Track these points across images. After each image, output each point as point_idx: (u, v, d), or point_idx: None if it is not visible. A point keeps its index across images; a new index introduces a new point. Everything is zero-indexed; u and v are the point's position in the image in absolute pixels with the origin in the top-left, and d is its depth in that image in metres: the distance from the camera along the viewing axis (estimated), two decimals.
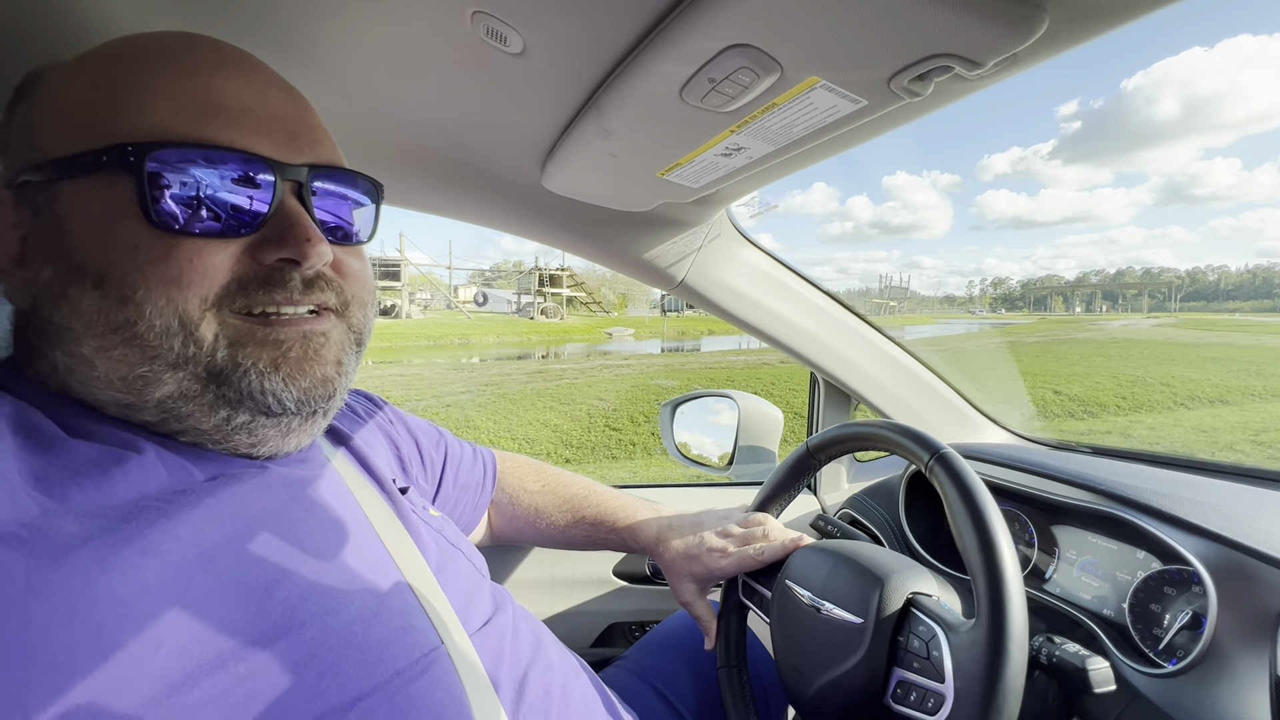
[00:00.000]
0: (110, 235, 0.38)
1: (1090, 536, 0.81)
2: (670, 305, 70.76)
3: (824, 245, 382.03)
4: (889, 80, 0.43)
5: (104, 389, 0.40)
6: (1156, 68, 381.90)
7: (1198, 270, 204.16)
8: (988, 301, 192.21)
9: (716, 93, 0.47)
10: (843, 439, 0.73)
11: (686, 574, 0.79)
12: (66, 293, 0.39)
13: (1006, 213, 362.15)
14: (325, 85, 0.61)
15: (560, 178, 0.74)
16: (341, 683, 0.39)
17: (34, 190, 0.40)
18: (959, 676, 0.51)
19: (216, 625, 0.36)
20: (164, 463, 0.41)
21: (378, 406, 0.77)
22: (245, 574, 0.39)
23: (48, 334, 0.41)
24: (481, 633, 0.54)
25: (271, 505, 0.44)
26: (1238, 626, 0.58)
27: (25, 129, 0.41)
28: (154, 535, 0.35)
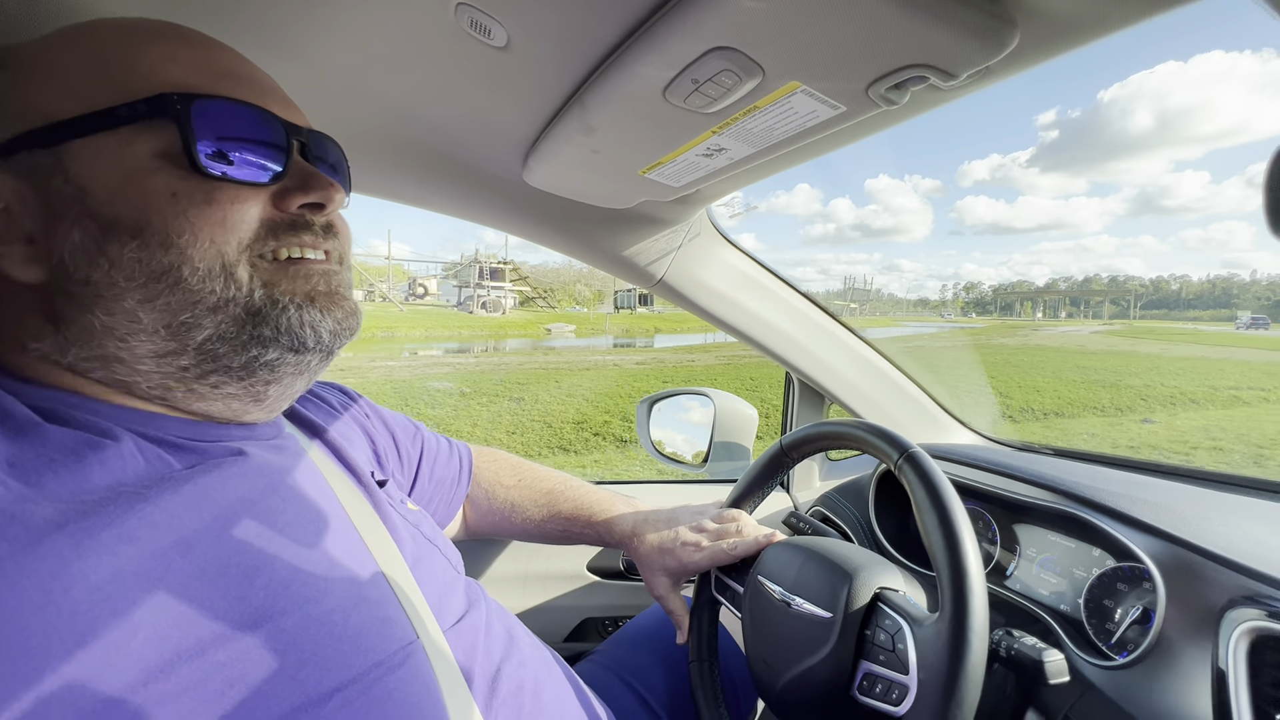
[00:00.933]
0: (143, 186, 0.39)
1: (1050, 535, 0.84)
2: (622, 303, 70.78)
3: (806, 246, 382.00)
4: (867, 88, 0.44)
5: (146, 341, 0.41)
6: (1133, 80, 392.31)
7: (1161, 279, 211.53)
8: (960, 305, 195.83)
9: (699, 94, 0.47)
10: (816, 437, 0.74)
11: (660, 568, 0.80)
12: (105, 250, 0.39)
13: (985, 218, 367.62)
14: (306, 75, 0.60)
15: (542, 173, 0.74)
16: (321, 672, 0.39)
17: (28, 157, 0.39)
18: (922, 668, 0.53)
19: (195, 611, 0.35)
20: (141, 451, 0.40)
21: (353, 400, 0.76)
22: (225, 560, 0.38)
23: (81, 298, 0.39)
24: (456, 628, 0.54)
25: (249, 494, 0.44)
26: (1184, 621, 0.61)
27: (7, 98, 0.39)
28: (130, 521, 0.35)
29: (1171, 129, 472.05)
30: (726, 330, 1.06)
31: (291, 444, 0.54)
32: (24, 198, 0.39)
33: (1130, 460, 0.96)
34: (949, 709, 0.49)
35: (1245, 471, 0.85)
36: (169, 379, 0.43)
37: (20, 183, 0.39)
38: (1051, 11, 0.37)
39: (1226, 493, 0.78)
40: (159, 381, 0.43)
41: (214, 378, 0.44)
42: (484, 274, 51.95)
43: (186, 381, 0.44)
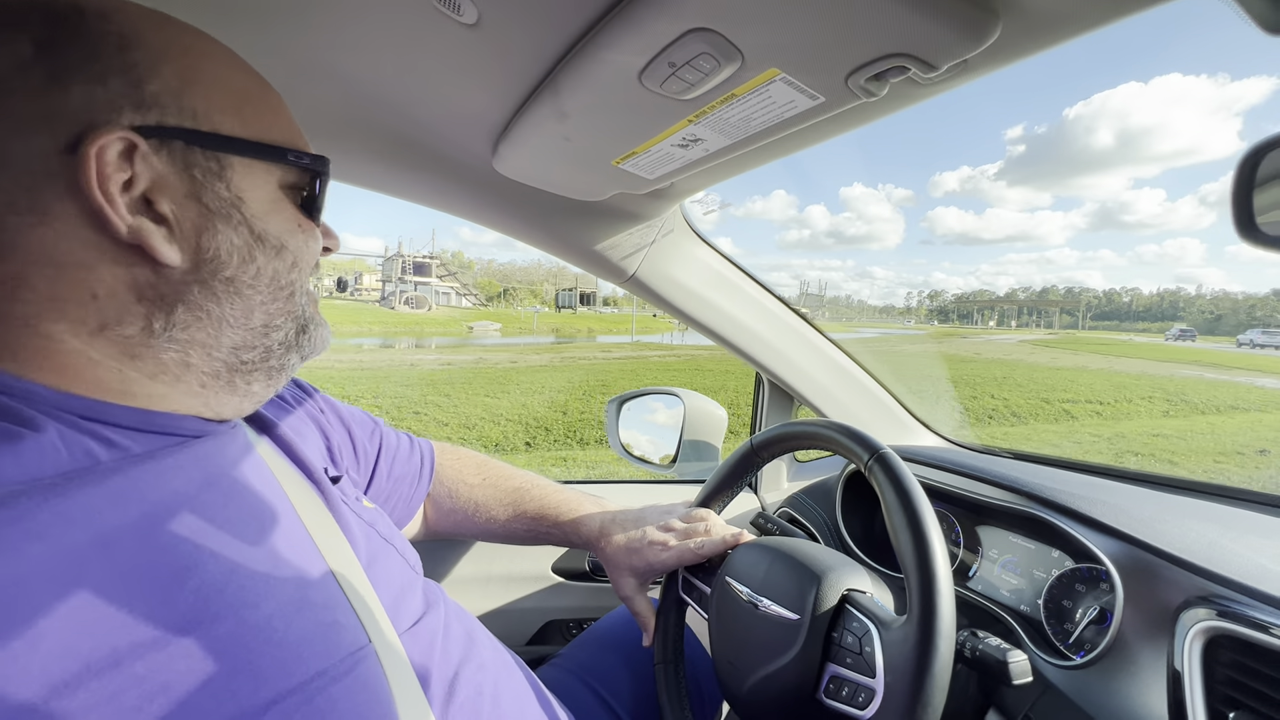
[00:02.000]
0: (282, 213, 0.46)
1: (1011, 536, 0.85)
2: (564, 302, 70.75)
3: (782, 251, 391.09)
4: (846, 78, 0.43)
5: (241, 334, 0.45)
6: (1096, 98, 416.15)
7: (1113, 291, 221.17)
8: (923, 313, 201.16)
9: (676, 78, 0.46)
10: (786, 437, 0.74)
11: (627, 568, 0.78)
12: (254, 256, 0.44)
13: (955, 228, 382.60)
14: (267, 50, 0.57)
15: (512, 160, 0.72)
16: (256, 683, 0.36)
17: (187, 151, 0.41)
18: (889, 671, 0.52)
19: (111, 618, 0.32)
20: (65, 442, 0.37)
21: (306, 393, 0.73)
22: (151, 561, 0.35)
23: (217, 291, 0.43)
24: (412, 631, 0.51)
25: (185, 488, 0.40)
26: (1141, 621, 0.62)
27: (172, 90, 0.41)
28: (42, 516, 0.32)
29: (1131, 147, 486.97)
30: (697, 328, 1.05)
31: (238, 436, 0.51)
32: (163, 180, 0.40)
33: (1089, 464, 0.99)
34: (915, 712, 0.48)
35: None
36: (224, 368, 0.46)
37: (166, 166, 0.40)
38: (1033, 5, 0.37)
39: (1183, 496, 0.80)
40: (214, 370, 0.45)
41: (256, 374, 0.48)
42: (407, 269, 50.76)
43: (234, 374, 0.47)
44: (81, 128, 0.37)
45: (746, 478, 0.80)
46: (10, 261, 0.37)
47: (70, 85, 0.38)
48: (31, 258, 0.38)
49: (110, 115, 0.38)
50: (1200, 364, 25.13)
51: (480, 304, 60.61)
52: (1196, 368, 23.33)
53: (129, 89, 0.39)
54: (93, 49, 0.38)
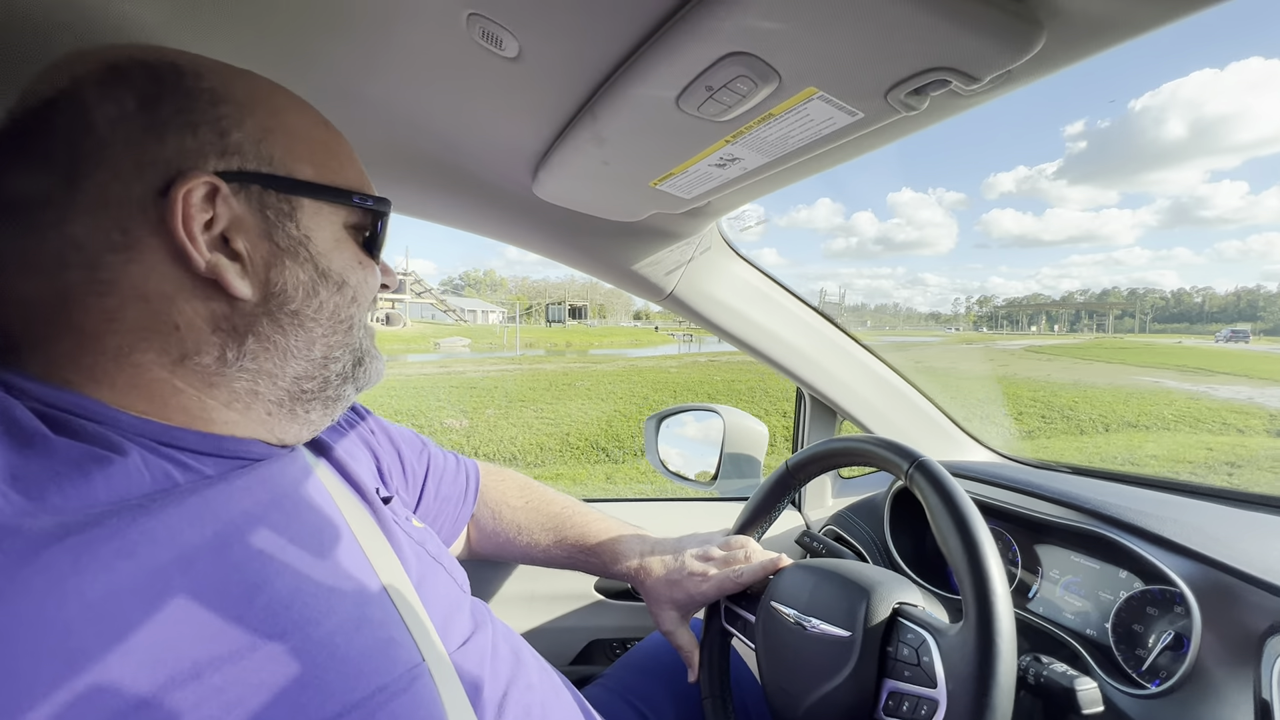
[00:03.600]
0: (344, 252, 0.50)
1: (1073, 555, 0.81)
2: (553, 316, 70.79)
3: (828, 260, 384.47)
4: (886, 93, 0.43)
5: (305, 365, 0.48)
6: (1165, 89, 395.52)
7: (1183, 291, 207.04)
8: (971, 319, 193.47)
9: (714, 101, 0.47)
10: (822, 456, 0.73)
11: (668, 600, 0.78)
12: (318, 291, 0.47)
13: (1012, 231, 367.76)
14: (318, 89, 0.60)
15: (552, 185, 0.73)
16: (323, 697, 0.37)
17: (263, 194, 0.45)
18: (951, 679, 0.50)
19: (193, 633, 0.34)
20: (147, 466, 0.39)
21: (359, 415, 0.75)
22: (225, 578, 0.37)
23: (283, 324, 0.46)
24: (462, 650, 0.52)
25: (253, 509, 0.43)
26: (1221, 647, 0.58)
27: (253, 138, 0.45)
28: (131, 535, 0.34)
29: (1207, 138, 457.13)
30: (736, 345, 1.04)
31: (298, 459, 0.53)
32: (240, 220, 0.44)
33: (1155, 479, 0.94)
34: (985, 708, 0.46)
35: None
36: (287, 397, 0.49)
37: (245, 208, 0.44)
38: (1079, 11, 0.36)
39: (1260, 513, 0.75)
40: (278, 398, 0.48)
41: (314, 404, 0.51)
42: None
43: (294, 403, 0.49)
44: (172, 173, 0.41)
45: (785, 500, 0.78)
46: (110, 297, 0.41)
47: (165, 135, 0.41)
48: (126, 293, 0.41)
49: (197, 161, 0.42)
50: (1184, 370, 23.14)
51: (506, 321, 62.01)
52: (1176, 375, 21.43)
53: (215, 138, 0.43)
54: (187, 102, 0.43)
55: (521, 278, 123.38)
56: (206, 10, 0.52)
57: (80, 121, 0.41)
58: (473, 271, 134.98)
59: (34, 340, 0.41)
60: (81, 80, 0.42)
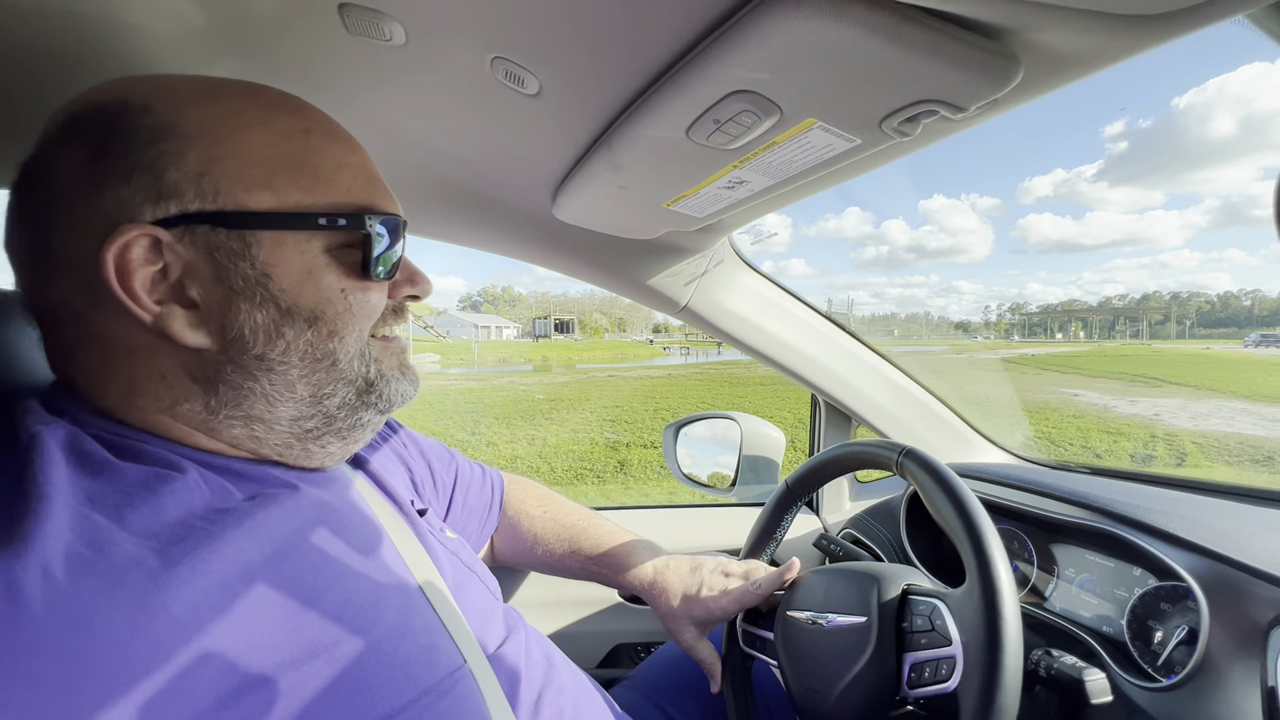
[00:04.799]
0: (320, 281, 0.45)
1: (1088, 554, 0.82)
2: (539, 330, 70.08)
3: (858, 270, 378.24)
4: (880, 122, 0.46)
5: (293, 407, 0.46)
6: (1211, 84, 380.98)
7: (1230, 294, 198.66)
8: (1002, 327, 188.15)
9: (721, 132, 0.50)
10: (817, 468, 0.77)
11: (685, 617, 0.78)
12: (282, 333, 0.44)
13: (1050, 236, 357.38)
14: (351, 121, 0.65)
15: (570, 208, 0.78)
16: (374, 699, 0.40)
17: (210, 234, 0.42)
18: (963, 631, 0.54)
19: (259, 642, 0.37)
20: (206, 482, 0.42)
21: (391, 429, 0.78)
22: (283, 592, 0.40)
23: (251, 369, 0.44)
24: (498, 653, 0.55)
25: (303, 526, 0.45)
26: (1229, 640, 0.59)
27: (193, 174, 0.42)
28: (202, 554, 0.37)
29: (1258, 134, 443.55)
30: (751, 354, 1.07)
31: (339, 475, 0.56)
32: (193, 266, 0.42)
33: (1170, 477, 0.95)
34: (997, 657, 0.49)
35: None
36: (293, 438, 0.48)
37: (193, 253, 0.42)
38: (1051, 47, 0.39)
39: (1269, 508, 0.76)
40: (284, 440, 0.47)
41: (326, 438, 0.49)
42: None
43: (305, 441, 0.48)
44: (108, 227, 0.40)
45: (789, 518, 0.81)
46: (99, 348, 0.43)
47: (105, 186, 0.40)
48: (113, 345, 0.42)
49: (132, 212, 0.40)
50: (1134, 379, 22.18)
51: (520, 336, 62.43)
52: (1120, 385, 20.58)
53: (150, 182, 0.41)
54: (125, 147, 0.41)
55: (542, 293, 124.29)
56: (252, 52, 0.57)
57: (48, 181, 0.42)
58: (491, 287, 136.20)
59: (79, 378, 0.45)
60: (48, 137, 0.43)
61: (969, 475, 1.04)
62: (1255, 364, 31.77)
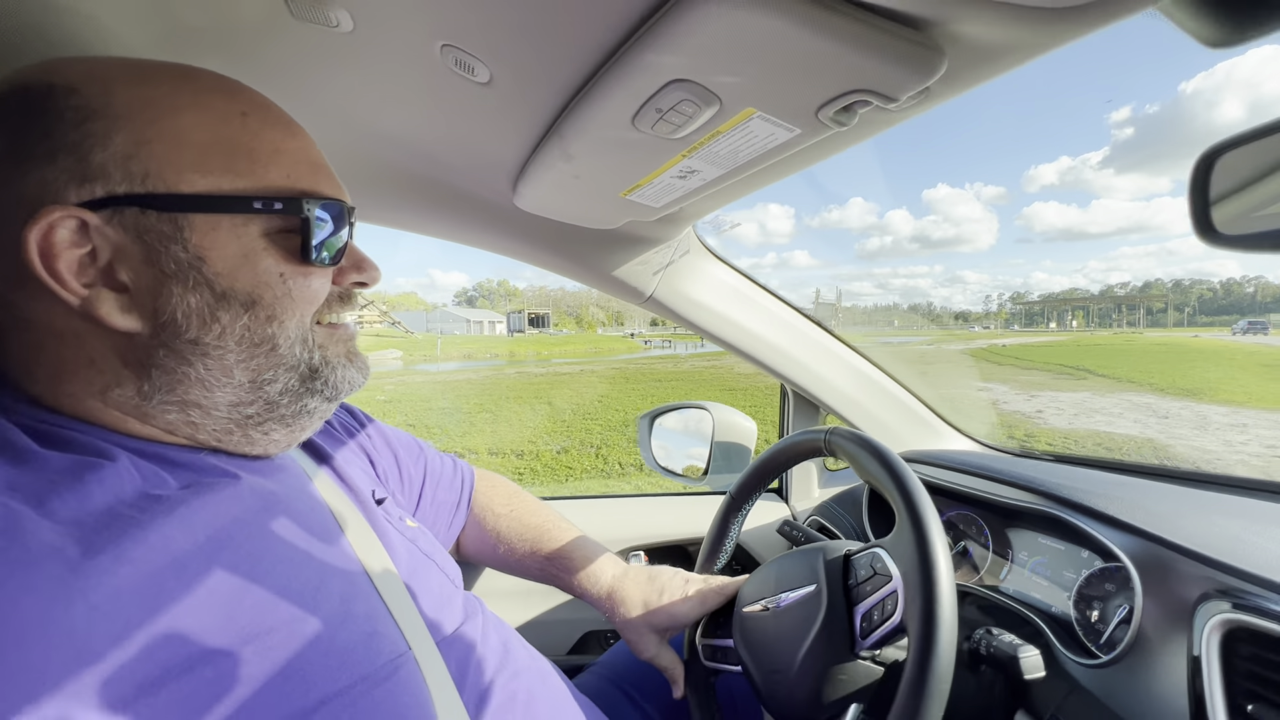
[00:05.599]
0: (257, 265, 0.45)
1: (1041, 538, 0.84)
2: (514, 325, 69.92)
3: (862, 260, 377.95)
4: (816, 112, 0.47)
5: (231, 393, 0.46)
6: (1219, 69, 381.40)
7: (1233, 282, 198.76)
8: (1003, 317, 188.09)
9: (664, 121, 0.51)
10: (757, 473, 0.79)
11: (645, 626, 0.77)
12: (218, 317, 0.43)
13: (1056, 224, 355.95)
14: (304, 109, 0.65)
15: (530, 197, 0.78)
16: (306, 686, 0.40)
17: (140, 217, 0.41)
18: (899, 560, 0.57)
19: (185, 631, 0.37)
20: (138, 469, 0.42)
21: (355, 418, 0.78)
22: (215, 581, 0.40)
23: (185, 353, 0.43)
24: (449, 640, 0.55)
25: (243, 514, 0.45)
26: (1161, 617, 0.61)
27: (120, 156, 0.41)
28: (126, 543, 0.37)
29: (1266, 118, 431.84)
30: (718, 344, 1.08)
31: (289, 463, 0.56)
32: (122, 249, 0.41)
33: (1134, 464, 0.97)
34: (931, 573, 0.52)
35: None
36: (232, 424, 0.47)
37: (120, 235, 0.41)
38: (974, 39, 0.40)
39: (1214, 491, 0.79)
40: (223, 426, 0.47)
41: (268, 424, 0.49)
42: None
43: (245, 427, 0.48)
44: (32, 210, 0.39)
45: (736, 526, 0.83)
46: (30, 333, 0.42)
47: (28, 168, 0.40)
48: (41, 329, 0.42)
49: (56, 194, 0.40)
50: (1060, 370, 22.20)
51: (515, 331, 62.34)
52: (1042, 377, 20.47)
53: (76, 164, 0.40)
54: (48, 128, 0.40)
55: (539, 287, 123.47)
56: (197, 36, 0.56)
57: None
58: (486, 282, 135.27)
59: (6, 364, 0.44)
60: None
61: (932, 462, 1.06)
62: (1218, 353, 31.62)
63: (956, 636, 0.50)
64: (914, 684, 0.49)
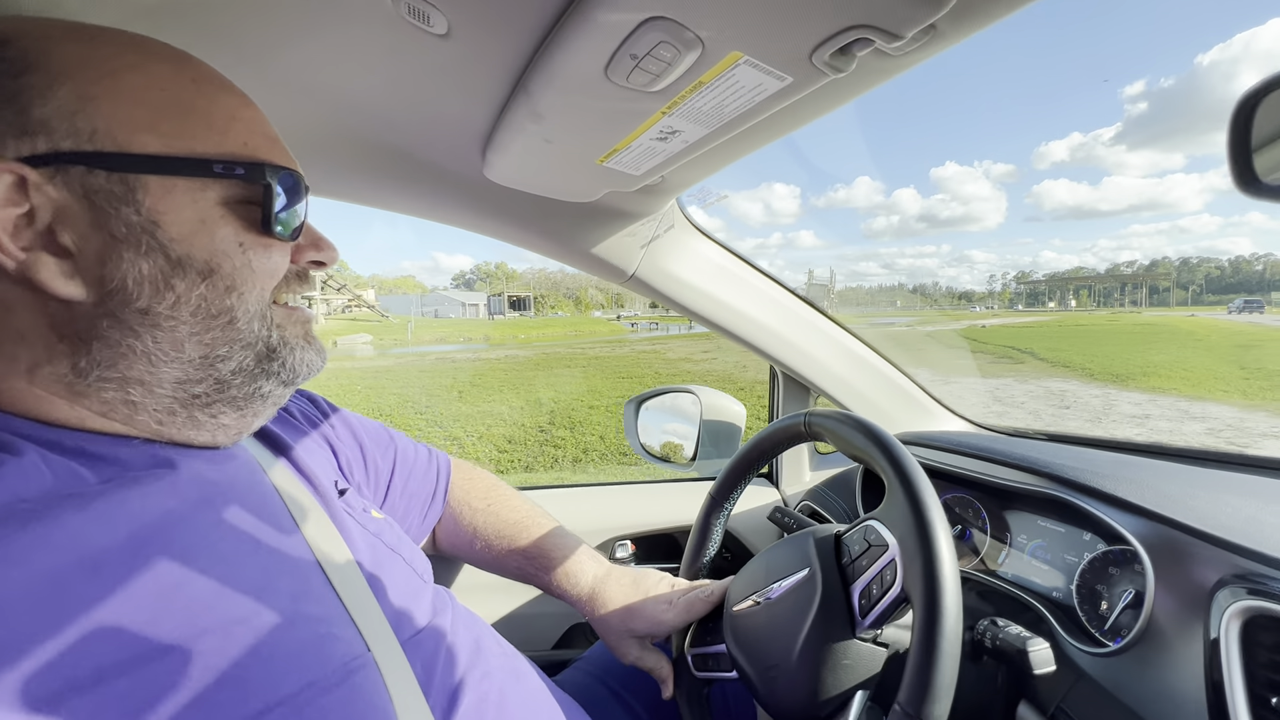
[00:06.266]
0: (215, 233, 0.42)
1: (1040, 520, 0.81)
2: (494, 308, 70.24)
3: (868, 240, 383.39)
4: (810, 54, 0.42)
5: (179, 369, 0.43)
6: (1237, 40, 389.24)
7: (1242, 259, 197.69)
8: (1006, 297, 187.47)
9: (641, 70, 0.46)
10: (735, 472, 0.76)
11: (626, 631, 0.75)
12: (172, 284, 0.41)
13: (1066, 202, 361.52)
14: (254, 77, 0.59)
15: (501, 167, 0.72)
16: (243, 695, 0.36)
17: (87, 176, 0.38)
18: (893, 527, 0.54)
19: (96, 638, 0.33)
20: (48, 465, 0.38)
21: (316, 406, 0.74)
22: (138, 581, 0.36)
23: (132, 324, 0.40)
24: (415, 639, 0.52)
25: (178, 508, 0.41)
26: (1175, 603, 0.58)
27: (65, 111, 0.38)
28: (21, 542, 0.32)
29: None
30: (704, 324, 1.04)
31: (238, 454, 0.52)
32: (65, 210, 0.38)
33: (1124, 442, 0.94)
34: (929, 531, 0.49)
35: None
36: (176, 403, 0.44)
37: (64, 194, 0.38)
38: None
39: (1217, 470, 0.76)
40: (166, 405, 0.44)
41: (217, 406, 0.46)
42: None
43: (191, 408, 0.45)
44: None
45: (719, 527, 0.79)
46: None
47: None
48: None
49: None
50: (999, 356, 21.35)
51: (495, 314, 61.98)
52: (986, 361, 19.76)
53: (15, 116, 0.37)
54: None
55: (539, 270, 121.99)
56: (142, 6, 0.50)
57: None
58: (484, 265, 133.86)
59: None
60: None
61: (926, 444, 1.03)
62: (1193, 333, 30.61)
63: (961, 597, 0.48)
64: (923, 649, 0.46)
